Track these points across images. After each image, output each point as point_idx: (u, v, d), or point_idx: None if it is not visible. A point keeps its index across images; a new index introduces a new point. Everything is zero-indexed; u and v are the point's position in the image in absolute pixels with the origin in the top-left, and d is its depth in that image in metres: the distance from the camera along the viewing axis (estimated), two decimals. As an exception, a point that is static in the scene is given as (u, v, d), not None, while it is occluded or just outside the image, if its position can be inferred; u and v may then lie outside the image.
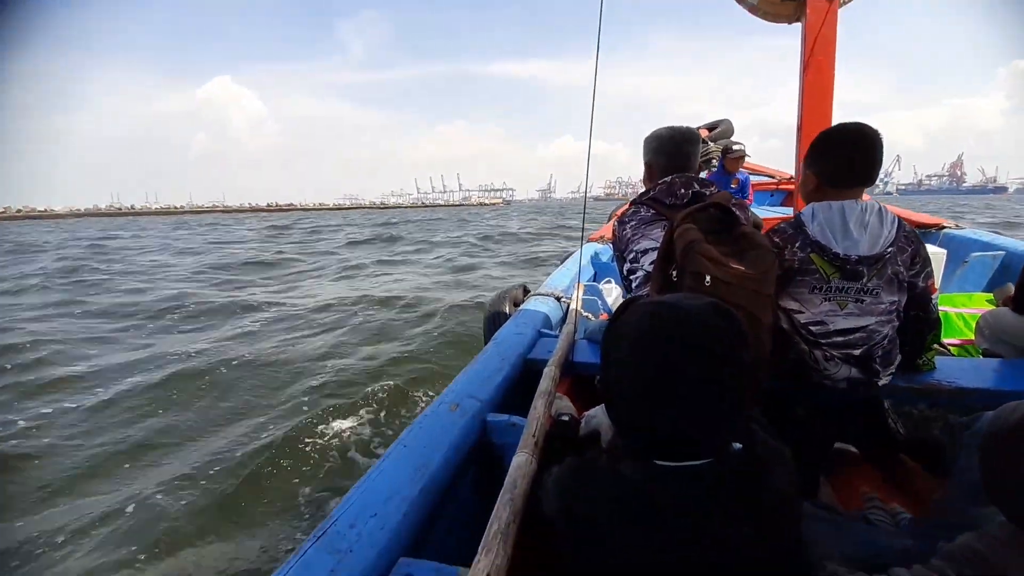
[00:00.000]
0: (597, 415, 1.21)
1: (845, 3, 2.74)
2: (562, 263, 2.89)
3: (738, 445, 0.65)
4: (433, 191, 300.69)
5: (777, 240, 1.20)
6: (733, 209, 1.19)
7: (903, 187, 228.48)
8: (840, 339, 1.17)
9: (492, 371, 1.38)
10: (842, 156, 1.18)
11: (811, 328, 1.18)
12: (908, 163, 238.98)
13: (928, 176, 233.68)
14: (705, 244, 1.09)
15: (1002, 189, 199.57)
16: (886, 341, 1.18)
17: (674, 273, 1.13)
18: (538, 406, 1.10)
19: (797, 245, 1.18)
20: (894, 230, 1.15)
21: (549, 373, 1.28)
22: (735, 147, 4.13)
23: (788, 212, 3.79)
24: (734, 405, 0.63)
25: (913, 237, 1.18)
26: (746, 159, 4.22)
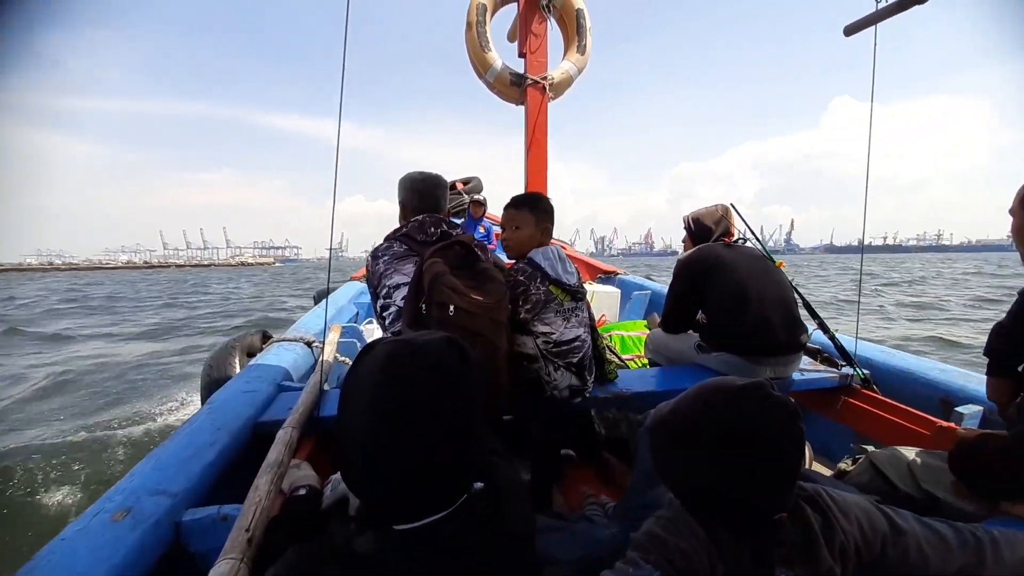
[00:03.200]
0: None
1: (553, 99, 3.52)
2: (317, 303, 2.60)
3: (479, 484, 0.63)
4: (189, 246, 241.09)
5: (522, 278, 1.45)
6: (475, 248, 1.32)
7: (619, 251, 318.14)
8: (566, 347, 1.44)
9: (197, 449, 1.05)
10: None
11: (560, 344, 1.42)
12: (621, 234, 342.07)
13: (633, 243, 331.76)
14: (450, 276, 1.17)
15: (675, 252, 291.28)
16: (588, 350, 1.51)
17: (423, 307, 1.16)
18: (260, 486, 0.85)
19: (539, 281, 1.45)
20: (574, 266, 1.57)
21: (283, 437, 1.04)
22: (476, 197, 5.01)
23: None
24: (472, 440, 0.61)
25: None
26: (487, 211, 5.10)
